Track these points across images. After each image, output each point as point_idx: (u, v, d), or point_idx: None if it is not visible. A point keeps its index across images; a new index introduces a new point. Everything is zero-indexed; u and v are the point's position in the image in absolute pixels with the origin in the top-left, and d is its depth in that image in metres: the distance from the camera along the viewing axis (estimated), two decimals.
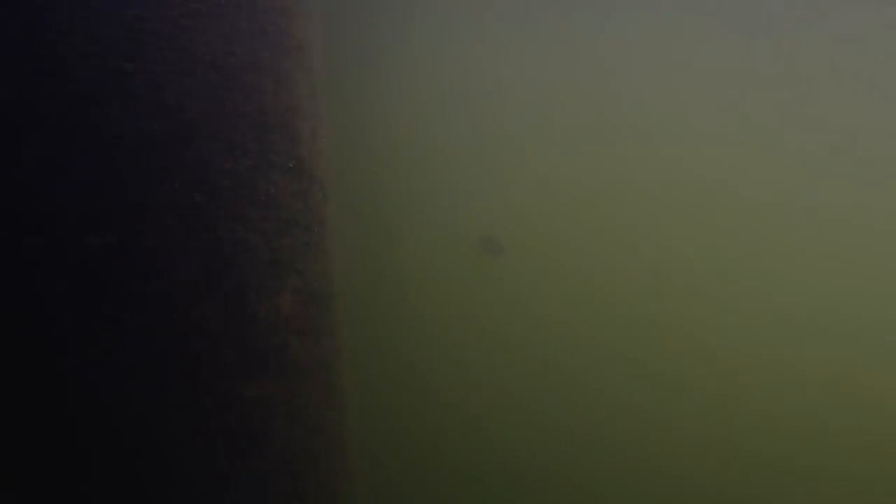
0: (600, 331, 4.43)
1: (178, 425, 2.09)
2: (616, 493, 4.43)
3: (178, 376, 2.05)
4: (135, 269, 1.95)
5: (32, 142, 1.81)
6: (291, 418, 2.34)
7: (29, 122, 1.79)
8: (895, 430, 4.25)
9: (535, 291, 4.49)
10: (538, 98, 4.30)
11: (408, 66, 4.24)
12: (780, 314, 4.35)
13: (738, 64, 4.16)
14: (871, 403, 4.27)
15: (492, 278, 4.52)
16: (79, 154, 1.84)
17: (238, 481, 2.24)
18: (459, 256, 4.46)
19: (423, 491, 4.42)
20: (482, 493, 4.49)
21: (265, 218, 2.17)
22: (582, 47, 4.23)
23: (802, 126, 4.17)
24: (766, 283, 4.40)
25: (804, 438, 4.28)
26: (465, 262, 4.47)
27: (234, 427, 2.19)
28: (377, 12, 4.16)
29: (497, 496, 4.49)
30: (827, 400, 4.28)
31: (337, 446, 2.59)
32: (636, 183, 4.32)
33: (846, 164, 4.16)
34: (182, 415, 2.09)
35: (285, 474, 2.36)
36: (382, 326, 4.33)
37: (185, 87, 1.94)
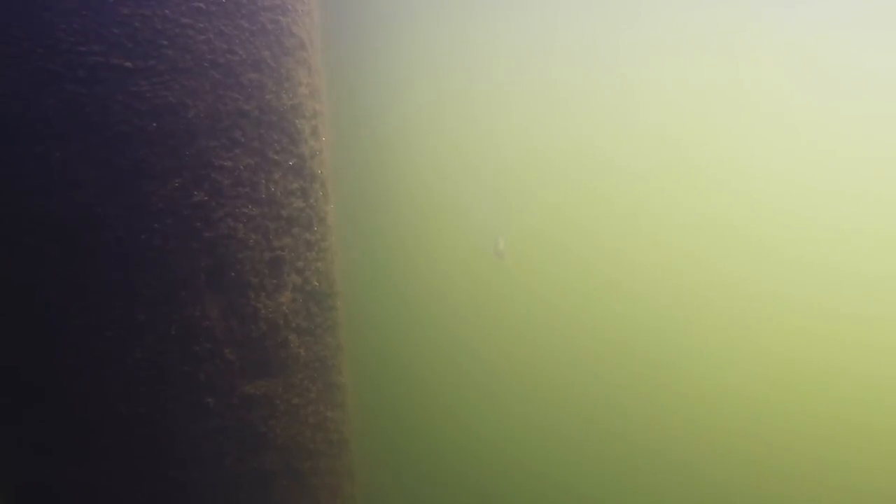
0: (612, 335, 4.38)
1: (180, 423, 2.09)
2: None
3: (180, 375, 2.06)
4: (136, 268, 1.95)
5: (34, 141, 1.81)
6: (292, 416, 2.34)
7: (30, 121, 1.80)
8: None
9: (534, 296, 4.46)
10: (558, 102, 4.21)
11: (417, 66, 4.19)
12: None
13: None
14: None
15: (494, 281, 4.49)
16: (80, 153, 1.84)
17: (239, 479, 2.24)
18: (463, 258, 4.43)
19: (423, 490, 4.42)
20: (482, 492, 4.48)
21: (266, 216, 2.17)
22: (600, 53, 4.15)
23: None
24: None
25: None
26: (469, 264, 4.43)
27: (235, 425, 2.19)
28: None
29: (496, 494, 4.49)
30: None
31: (337, 444, 2.59)
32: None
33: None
34: (183, 413, 2.09)
35: (286, 472, 2.37)
36: (386, 327, 4.32)
37: (186, 85, 1.94)
